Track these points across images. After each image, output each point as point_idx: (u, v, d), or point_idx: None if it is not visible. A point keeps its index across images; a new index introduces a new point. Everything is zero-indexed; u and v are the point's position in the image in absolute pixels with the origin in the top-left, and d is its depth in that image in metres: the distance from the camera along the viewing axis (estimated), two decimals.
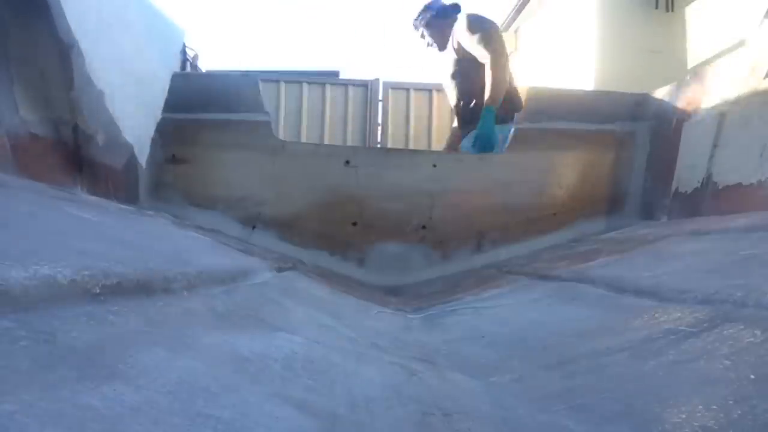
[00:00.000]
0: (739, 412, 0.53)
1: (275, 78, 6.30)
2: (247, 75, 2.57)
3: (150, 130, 2.28)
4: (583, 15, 5.01)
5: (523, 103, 2.89)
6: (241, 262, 1.54)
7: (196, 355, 0.65)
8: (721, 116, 2.13)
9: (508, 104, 2.85)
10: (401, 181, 2.66)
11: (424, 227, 2.66)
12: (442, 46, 3.18)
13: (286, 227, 2.59)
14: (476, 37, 2.88)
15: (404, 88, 7.38)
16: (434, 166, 2.68)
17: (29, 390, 0.42)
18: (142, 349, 0.60)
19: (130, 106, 2.07)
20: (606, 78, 4.45)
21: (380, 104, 7.20)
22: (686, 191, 2.29)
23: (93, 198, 1.74)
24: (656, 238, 1.85)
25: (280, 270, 1.68)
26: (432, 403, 0.74)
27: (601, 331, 1.03)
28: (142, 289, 0.81)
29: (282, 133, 4.76)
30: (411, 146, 6.79)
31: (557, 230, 2.67)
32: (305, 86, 5.32)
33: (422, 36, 3.24)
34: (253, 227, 2.57)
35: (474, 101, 2.96)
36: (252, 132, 2.58)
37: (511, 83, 2.94)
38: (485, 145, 2.76)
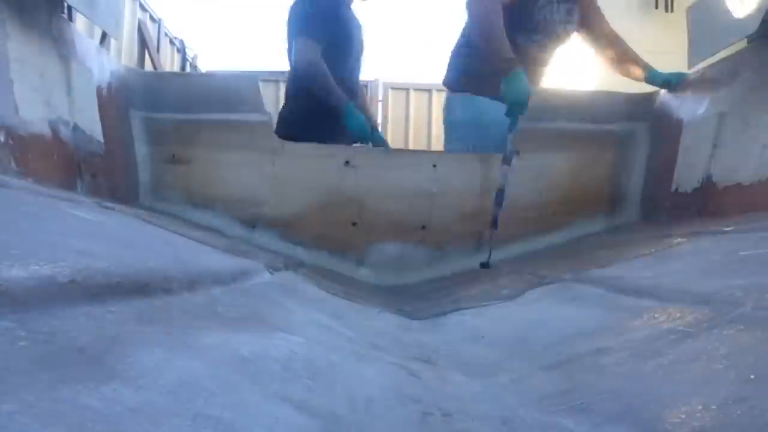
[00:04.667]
0: (739, 412, 0.53)
1: (275, 78, 6.29)
2: (247, 75, 2.56)
3: None
4: None
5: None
6: (241, 262, 1.54)
7: (196, 355, 0.65)
8: (721, 116, 2.12)
9: None
10: (401, 181, 2.66)
11: (423, 227, 2.66)
12: None
13: (286, 227, 2.59)
14: None
15: (404, 88, 7.38)
16: (434, 166, 2.68)
17: (29, 390, 0.42)
18: (142, 349, 0.60)
19: None
20: (606, 78, 4.45)
21: (380, 104, 7.21)
22: (686, 191, 2.29)
23: (92, 198, 1.74)
24: (656, 238, 1.85)
25: (279, 270, 1.68)
26: (432, 403, 0.74)
27: (601, 331, 1.03)
28: (142, 289, 0.81)
29: None
30: (411, 146, 6.80)
31: (557, 230, 2.67)
32: None
33: None
34: (253, 227, 2.57)
35: None
36: (252, 132, 2.58)
37: None
38: None
